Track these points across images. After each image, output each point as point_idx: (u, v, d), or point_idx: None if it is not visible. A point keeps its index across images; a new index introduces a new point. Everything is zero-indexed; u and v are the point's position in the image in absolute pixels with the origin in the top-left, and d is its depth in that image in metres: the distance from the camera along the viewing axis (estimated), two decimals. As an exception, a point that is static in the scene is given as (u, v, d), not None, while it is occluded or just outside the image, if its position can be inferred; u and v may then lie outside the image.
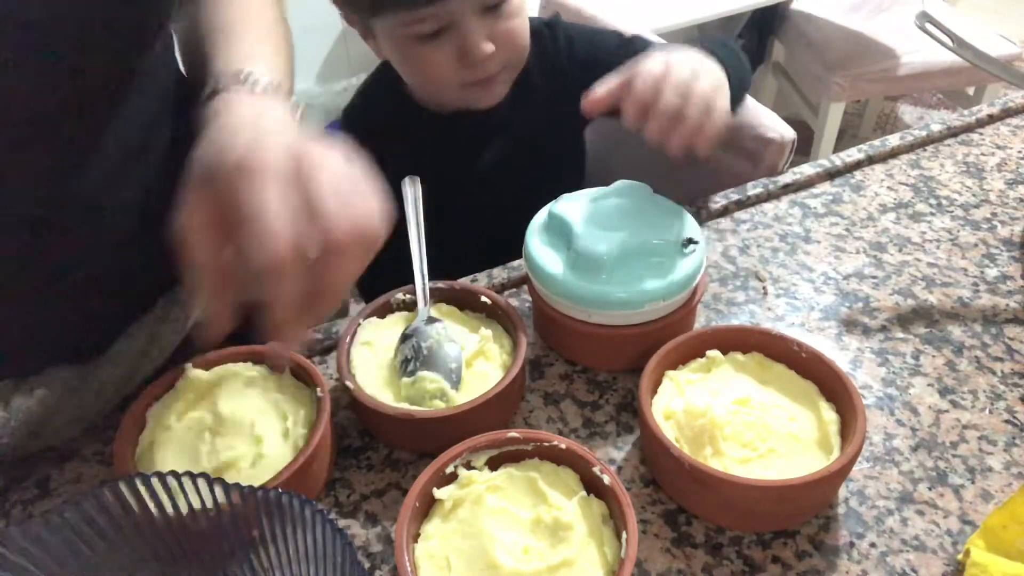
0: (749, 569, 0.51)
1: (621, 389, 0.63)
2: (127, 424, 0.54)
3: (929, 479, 0.56)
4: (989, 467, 0.56)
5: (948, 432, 0.59)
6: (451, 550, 0.48)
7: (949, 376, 0.63)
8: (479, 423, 0.55)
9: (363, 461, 0.59)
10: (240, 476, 0.52)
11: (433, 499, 0.51)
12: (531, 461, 0.53)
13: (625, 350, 0.63)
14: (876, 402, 0.61)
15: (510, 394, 0.59)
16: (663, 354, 0.58)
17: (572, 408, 0.62)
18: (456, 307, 0.65)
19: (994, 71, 0.70)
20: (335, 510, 0.55)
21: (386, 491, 0.57)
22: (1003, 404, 0.61)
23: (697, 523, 0.54)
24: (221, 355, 0.59)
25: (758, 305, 0.70)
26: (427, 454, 0.55)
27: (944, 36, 0.70)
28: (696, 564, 0.51)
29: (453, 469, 0.52)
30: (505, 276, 0.74)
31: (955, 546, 0.52)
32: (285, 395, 0.57)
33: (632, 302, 0.59)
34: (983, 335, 0.67)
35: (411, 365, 0.58)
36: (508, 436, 0.53)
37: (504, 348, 0.61)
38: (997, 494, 0.54)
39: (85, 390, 0.58)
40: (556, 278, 0.60)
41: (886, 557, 0.51)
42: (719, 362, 0.59)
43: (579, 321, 0.62)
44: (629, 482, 0.56)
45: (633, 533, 0.47)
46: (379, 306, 0.64)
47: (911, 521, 0.53)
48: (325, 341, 0.69)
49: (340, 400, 0.63)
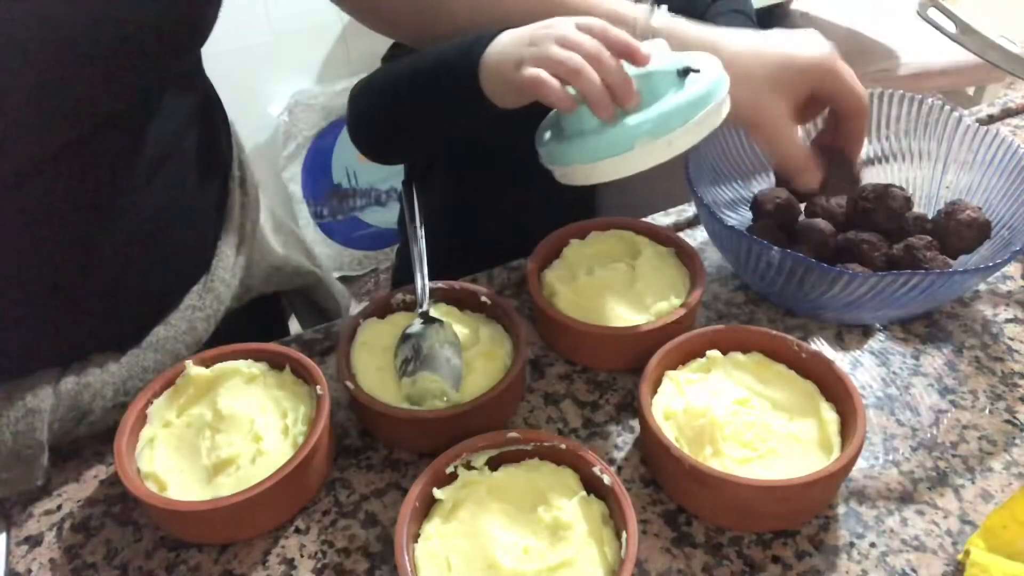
0: (749, 569, 0.51)
1: (621, 389, 0.63)
2: (128, 420, 0.54)
3: (929, 479, 0.56)
4: (989, 467, 0.56)
5: (948, 432, 0.59)
6: (451, 550, 0.48)
7: (949, 376, 0.63)
8: (479, 423, 0.55)
9: (363, 461, 0.59)
10: (239, 473, 0.52)
11: (433, 499, 0.51)
12: (531, 461, 0.53)
13: (625, 350, 0.63)
14: (876, 402, 0.61)
15: (510, 394, 0.59)
16: (663, 354, 0.58)
17: (572, 408, 0.62)
18: (456, 307, 0.65)
19: (995, 60, 0.69)
20: (335, 510, 0.56)
21: (386, 491, 0.57)
22: (1003, 404, 0.61)
23: (697, 523, 0.54)
24: (222, 352, 0.59)
25: (758, 305, 0.70)
26: (427, 454, 0.55)
27: (948, 22, 0.70)
28: (696, 564, 0.51)
29: (453, 469, 0.52)
30: (505, 276, 0.74)
31: (955, 546, 0.52)
32: (285, 393, 0.57)
33: (619, 142, 0.53)
34: (983, 335, 0.67)
35: (411, 365, 0.58)
36: (508, 436, 0.53)
37: (504, 348, 0.61)
38: (997, 494, 0.54)
39: (128, 376, 0.59)
40: (550, 141, 0.57)
41: (886, 557, 0.51)
42: (719, 362, 0.59)
43: (579, 321, 0.62)
44: (629, 482, 0.56)
45: (633, 533, 0.47)
46: (379, 306, 0.64)
47: (911, 521, 0.53)
48: (325, 341, 0.69)
49: (340, 400, 0.63)
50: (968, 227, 0.66)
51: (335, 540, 0.54)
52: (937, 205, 0.72)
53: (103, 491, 0.57)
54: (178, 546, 0.53)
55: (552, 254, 0.70)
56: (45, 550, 0.54)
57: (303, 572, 0.52)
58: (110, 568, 0.53)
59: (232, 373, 0.58)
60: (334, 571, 0.52)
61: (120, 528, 0.55)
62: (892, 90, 0.74)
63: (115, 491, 0.57)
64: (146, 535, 0.54)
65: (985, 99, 2.02)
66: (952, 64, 1.91)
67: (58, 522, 0.56)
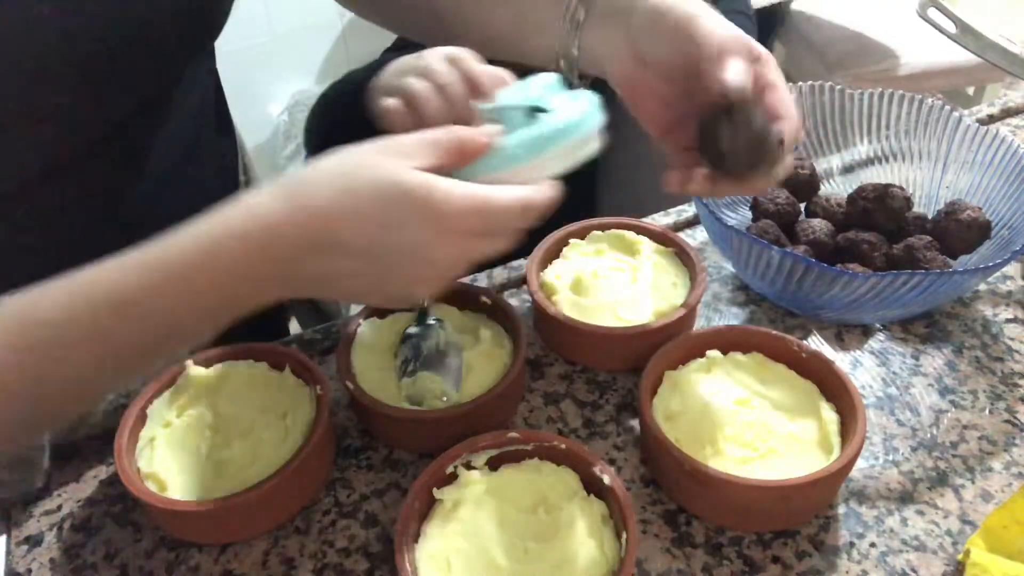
0: (749, 569, 0.51)
1: (621, 389, 0.63)
2: (128, 421, 0.54)
3: (929, 479, 0.56)
4: (989, 467, 0.56)
5: (948, 432, 0.59)
6: (451, 550, 0.48)
7: (949, 376, 0.63)
8: (479, 423, 0.55)
9: (363, 461, 0.59)
10: (239, 473, 0.52)
11: (433, 499, 0.51)
12: (531, 461, 0.53)
13: (625, 350, 0.63)
14: (876, 402, 0.61)
15: (510, 394, 0.59)
16: (663, 354, 0.58)
17: (572, 408, 0.62)
18: (456, 307, 0.65)
19: (995, 59, 0.69)
20: (335, 510, 0.56)
21: (386, 491, 0.57)
22: (1003, 404, 0.61)
23: (697, 523, 0.53)
24: (221, 353, 0.59)
25: (758, 305, 0.70)
26: (427, 454, 0.55)
27: (948, 22, 0.70)
28: (696, 564, 0.51)
29: (453, 469, 0.52)
30: (505, 276, 0.74)
31: (955, 546, 0.52)
32: (285, 393, 0.57)
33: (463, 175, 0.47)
34: (983, 335, 0.67)
35: (411, 365, 0.58)
36: (508, 436, 0.53)
37: (504, 348, 0.61)
38: (997, 494, 0.54)
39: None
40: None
41: (886, 557, 0.51)
42: (719, 362, 0.59)
43: (579, 321, 0.62)
44: (629, 482, 0.56)
45: (633, 533, 0.47)
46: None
47: (911, 521, 0.53)
48: (325, 341, 0.69)
49: (340, 400, 0.63)
50: (968, 227, 0.66)
51: (335, 540, 0.54)
52: (937, 205, 0.72)
53: (103, 491, 0.57)
54: (178, 546, 0.53)
55: (552, 254, 0.70)
56: (45, 550, 0.54)
57: (303, 572, 0.52)
58: (110, 568, 0.53)
59: (232, 373, 0.58)
60: (334, 571, 0.52)
61: (120, 528, 0.55)
62: (892, 90, 0.74)
63: (115, 491, 0.57)
64: (146, 535, 0.54)
65: (985, 99, 2.02)
66: (952, 64, 1.91)
67: (58, 522, 0.56)
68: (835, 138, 0.78)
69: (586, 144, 0.50)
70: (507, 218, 0.43)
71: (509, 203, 0.42)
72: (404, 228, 0.40)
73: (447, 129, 0.44)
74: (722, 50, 0.48)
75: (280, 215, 0.40)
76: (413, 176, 0.40)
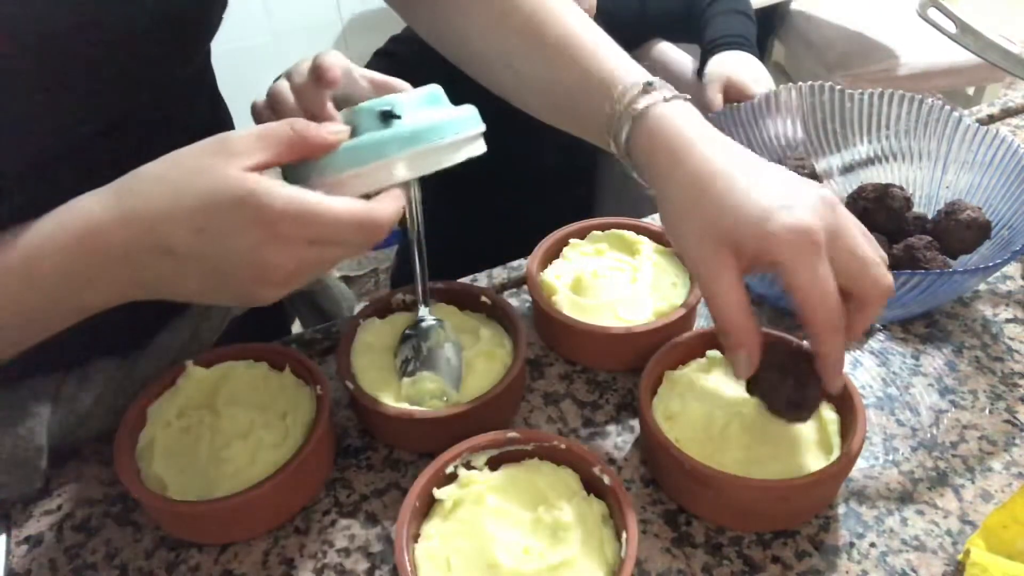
0: (749, 569, 0.51)
1: (621, 389, 0.63)
2: (128, 421, 0.54)
3: (929, 479, 0.56)
4: (989, 467, 0.56)
5: (948, 432, 0.59)
6: (451, 550, 0.48)
7: (949, 376, 0.63)
8: (479, 423, 0.55)
9: (363, 461, 0.59)
10: (239, 473, 0.52)
11: (433, 499, 0.51)
12: (531, 461, 0.53)
13: (625, 350, 0.63)
14: (876, 402, 0.61)
15: (510, 394, 0.59)
16: (663, 354, 0.58)
17: (572, 408, 0.62)
18: (456, 307, 0.65)
19: (995, 59, 0.69)
20: (335, 510, 0.56)
21: (386, 491, 0.57)
22: (1003, 404, 0.61)
23: (697, 523, 0.53)
24: (222, 353, 0.59)
25: (758, 305, 0.70)
26: (427, 454, 0.55)
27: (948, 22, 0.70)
28: (696, 564, 0.51)
29: (453, 469, 0.52)
30: (505, 276, 0.74)
31: (955, 546, 0.52)
32: (285, 394, 0.57)
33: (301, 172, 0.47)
34: (983, 335, 0.67)
35: (411, 365, 0.58)
36: (508, 436, 0.53)
37: (504, 348, 0.61)
38: (997, 494, 0.54)
39: (129, 382, 0.59)
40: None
41: (886, 557, 0.51)
42: (719, 362, 0.59)
43: (579, 321, 0.62)
44: (629, 482, 0.56)
45: (633, 533, 0.47)
46: (379, 306, 0.64)
47: (911, 521, 0.53)
48: (325, 341, 0.69)
49: (340, 400, 0.63)
50: (968, 227, 0.66)
51: (335, 540, 0.54)
52: (937, 205, 0.72)
53: (103, 491, 0.58)
54: (178, 546, 0.53)
55: (552, 254, 0.70)
56: (45, 550, 0.54)
57: (303, 572, 0.52)
58: (110, 568, 0.53)
59: (232, 373, 0.58)
60: (334, 571, 0.52)
61: (120, 528, 0.55)
62: (892, 90, 0.74)
63: (115, 491, 0.57)
64: (146, 535, 0.54)
65: (985, 99, 2.02)
66: (952, 64, 1.91)
67: (58, 522, 0.56)
68: (835, 138, 0.79)
69: (445, 153, 0.50)
70: (339, 229, 0.42)
71: (340, 213, 0.42)
72: (232, 231, 0.40)
73: (286, 121, 0.44)
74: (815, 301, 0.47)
75: (107, 218, 0.40)
76: (237, 178, 0.40)
